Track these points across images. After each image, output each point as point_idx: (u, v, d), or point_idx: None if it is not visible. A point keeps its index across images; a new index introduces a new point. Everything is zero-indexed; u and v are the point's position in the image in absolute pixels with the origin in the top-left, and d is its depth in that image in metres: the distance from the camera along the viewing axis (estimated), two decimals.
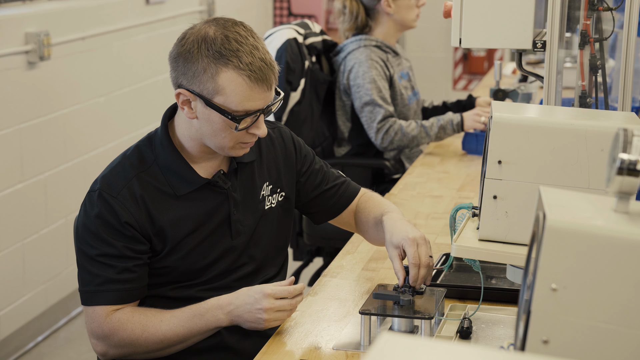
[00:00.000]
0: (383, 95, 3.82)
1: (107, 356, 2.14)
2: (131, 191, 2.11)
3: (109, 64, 4.57)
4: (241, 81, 2.03)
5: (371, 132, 3.83)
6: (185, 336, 2.10)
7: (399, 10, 3.88)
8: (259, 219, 2.26)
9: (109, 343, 2.11)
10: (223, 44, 2.04)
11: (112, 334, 2.09)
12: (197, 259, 2.17)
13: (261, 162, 2.29)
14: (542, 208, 1.35)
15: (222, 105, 2.05)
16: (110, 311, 2.10)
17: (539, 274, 1.30)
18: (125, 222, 2.09)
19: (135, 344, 2.10)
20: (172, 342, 2.10)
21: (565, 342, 1.30)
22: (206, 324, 2.10)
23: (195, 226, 2.16)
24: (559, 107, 2.23)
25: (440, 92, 7.61)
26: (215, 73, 2.03)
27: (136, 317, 2.10)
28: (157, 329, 2.09)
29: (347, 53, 3.92)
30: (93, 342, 2.14)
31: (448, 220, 2.12)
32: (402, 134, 3.79)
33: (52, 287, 4.22)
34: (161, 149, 2.16)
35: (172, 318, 2.10)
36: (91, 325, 2.12)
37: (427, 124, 3.81)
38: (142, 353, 2.12)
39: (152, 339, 2.09)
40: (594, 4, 2.45)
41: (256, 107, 2.06)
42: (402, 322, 2.03)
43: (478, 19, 2.38)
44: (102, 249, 2.09)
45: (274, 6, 7.01)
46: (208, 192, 2.18)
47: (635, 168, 1.34)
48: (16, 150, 3.89)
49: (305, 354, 2.00)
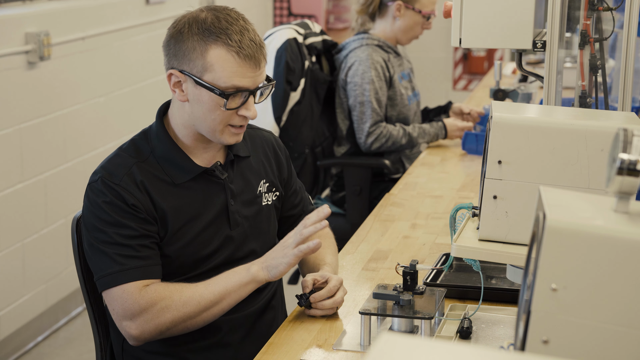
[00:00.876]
0: (379, 97, 3.84)
1: (143, 336, 2.09)
2: (132, 178, 2.12)
3: (109, 64, 4.57)
4: (230, 57, 2.06)
5: (360, 134, 3.86)
6: (221, 294, 2.09)
7: (405, 20, 3.91)
8: (257, 213, 2.27)
9: (146, 318, 2.06)
10: (213, 23, 2.08)
11: (150, 305, 2.06)
12: (197, 248, 2.18)
13: (256, 159, 2.31)
14: (542, 208, 1.35)
15: (211, 82, 2.07)
16: (142, 286, 2.08)
17: (539, 274, 1.30)
18: (132, 205, 2.10)
19: (174, 311, 2.07)
20: (209, 303, 2.08)
21: (565, 342, 1.30)
22: (240, 278, 2.10)
23: (193, 214, 2.17)
24: (559, 107, 2.23)
25: (440, 92, 7.60)
26: (204, 50, 2.07)
27: (170, 286, 2.10)
28: (194, 291, 2.09)
29: (349, 51, 3.93)
30: (126, 324, 2.08)
31: (448, 220, 2.12)
32: (392, 142, 3.87)
33: (52, 287, 4.21)
34: (157, 140, 2.18)
35: (206, 282, 2.11)
36: (124, 305, 2.07)
37: (414, 134, 3.90)
38: (180, 322, 2.08)
39: (190, 302, 2.07)
40: (594, 4, 2.45)
41: (245, 84, 2.08)
42: (402, 322, 2.03)
43: (478, 19, 2.38)
44: (117, 231, 2.09)
45: (274, 6, 7.01)
46: (205, 182, 2.19)
47: (635, 168, 1.34)
48: (16, 150, 3.89)
49: (305, 354, 2.00)
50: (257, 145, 2.33)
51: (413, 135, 3.89)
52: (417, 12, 3.89)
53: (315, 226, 2.09)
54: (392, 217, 2.95)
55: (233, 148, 2.25)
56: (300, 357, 1.99)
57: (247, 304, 2.22)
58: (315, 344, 2.04)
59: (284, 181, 2.38)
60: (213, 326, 2.18)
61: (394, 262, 2.51)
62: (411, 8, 3.89)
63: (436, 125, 3.95)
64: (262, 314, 2.29)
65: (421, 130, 3.92)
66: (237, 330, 2.23)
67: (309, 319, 2.16)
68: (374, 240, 2.74)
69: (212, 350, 2.21)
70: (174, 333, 2.11)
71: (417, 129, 3.92)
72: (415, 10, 3.89)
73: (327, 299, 2.15)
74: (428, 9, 3.91)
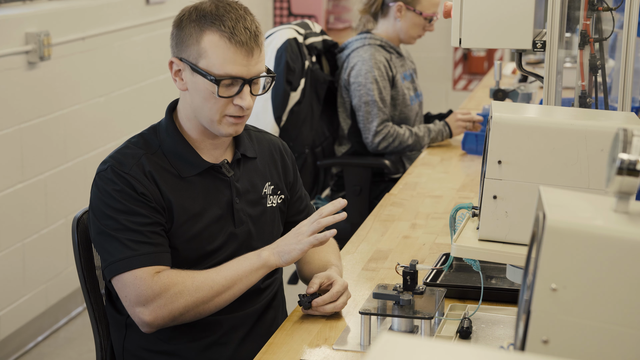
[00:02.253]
0: (384, 97, 3.84)
1: (156, 322, 2.08)
2: (141, 168, 2.13)
3: (109, 64, 4.57)
4: (222, 43, 2.08)
5: (367, 133, 3.86)
6: (233, 279, 2.11)
7: (406, 21, 3.91)
8: (261, 214, 2.27)
9: (160, 303, 2.06)
10: (211, 10, 2.11)
11: (164, 290, 2.06)
12: (201, 243, 2.18)
13: (263, 162, 2.32)
14: (542, 208, 1.35)
15: (204, 69, 2.09)
16: (154, 272, 2.08)
17: (539, 274, 1.30)
18: (142, 193, 2.11)
19: (187, 296, 2.07)
20: (221, 288, 2.10)
21: (565, 342, 1.30)
22: (251, 263, 2.13)
23: (198, 209, 2.18)
24: (559, 107, 2.23)
25: (441, 92, 7.60)
26: (199, 36, 2.10)
27: (182, 272, 2.10)
28: (206, 276, 2.10)
29: (351, 50, 3.93)
30: (139, 310, 2.07)
31: (448, 220, 2.12)
32: (399, 142, 3.86)
33: (52, 287, 4.21)
34: (166, 134, 2.19)
35: (217, 268, 2.13)
36: (137, 291, 2.07)
37: (420, 134, 3.90)
38: (193, 307, 2.09)
39: (203, 287, 2.08)
40: (593, 4, 2.45)
41: (238, 72, 2.09)
42: (402, 322, 2.03)
43: (478, 19, 2.38)
44: (128, 218, 2.09)
45: (274, 6, 7.01)
46: (211, 178, 2.20)
47: (635, 168, 1.34)
48: (16, 150, 3.89)
49: (305, 354, 2.00)
50: (264, 148, 2.34)
51: (419, 135, 3.90)
52: (418, 14, 3.89)
53: (334, 217, 2.13)
54: (392, 217, 2.95)
55: (240, 147, 2.26)
56: (300, 357, 1.99)
57: (248, 303, 2.22)
58: (316, 344, 2.05)
59: (289, 185, 2.38)
60: (214, 325, 2.19)
61: (394, 262, 2.51)
62: (412, 10, 3.89)
63: (439, 123, 3.96)
64: (263, 314, 2.29)
65: (426, 130, 3.94)
66: (237, 329, 2.23)
67: (309, 319, 2.16)
68: (374, 240, 2.74)
69: (212, 348, 2.21)
70: (186, 319, 2.11)
71: (423, 128, 3.93)
72: (416, 12, 3.89)
73: (328, 304, 2.15)
74: (429, 12, 3.91)
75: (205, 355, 2.20)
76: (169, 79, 2.18)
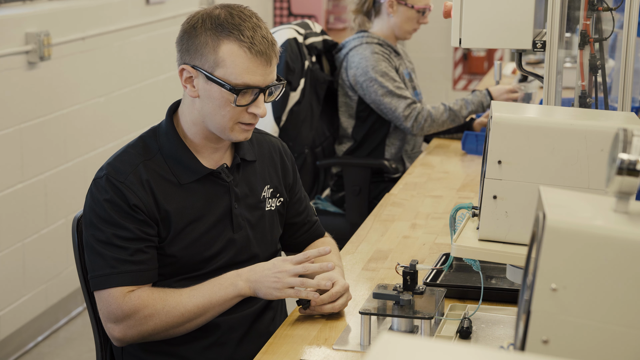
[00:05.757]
0: (398, 84, 3.83)
1: (125, 340, 2.12)
2: (138, 176, 2.12)
3: (109, 64, 4.57)
4: (242, 53, 2.07)
5: (399, 122, 3.83)
6: (205, 307, 2.11)
7: (399, 16, 3.91)
8: (260, 218, 2.27)
9: (129, 324, 2.09)
10: (226, 18, 2.10)
11: (133, 312, 2.08)
12: (200, 249, 2.18)
13: (262, 164, 2.31)
14: (542, 208, 1.35)
15: (222, 78, 2.08)
16: (127, 292, 2.09)
17: (539, 274, 1.30)
18: (134, 205, 2.10)
19: (157, 319, 2.08)
20: (192, 315, 2.10)
21: (565, 342, 1.30)
22: (225, 293, 2.12)
23: (197, 215, 2.17)
24: (559, 107, 2.23)
25: (440, 92, 7.61)
26: (216, 45, 2.08)
27: (155, 293, 2.10)
28: (178, 301, 2.10)
29: (349, 49, 3.93)
30: (110, 326, 2.11)
31: (448, 220, 2.12)
32: (432, 120, 3.82)
33: (52, 287, 4.22)
34: (166, 139, 2.18)
35: (192, 291, 2.12)
36: (108, 309, 2.10)
37: (455, 108, 3.84)
38: (162, 330, 2.11)
39: (173, 313, 2.09)
40: (593, 4, 2.45)
41: (256, 82, 2.09)
42: (402, 322, 2.03)
43: (478, 19, 2.38)
44: (114, 232, 2.09)
45: (274, 6, 7.01)
46: (210, 184, 2.20)
47: (635, 168, 1.34)
48: (16, 150, 3.89)
49: (305, 354, 2.00)
50: (264, 150, 2.34)
51: (455, 109, 3.84)
52: (410, 7, 3.88)
53: (321, 265, 2.14)
54: (392, 217, 2.95)
55: (240, 151, 2.25)
56: (300, 357, 1.99)
57: (246, 304, 2.22)
58: (315, 344, 2.04)
59: (288, 186, 2.38)
60: (212, 325, 2.19)
61: (394, 262, 2.51)
62: (403, 3, 3.88)
63: (479, 94, 3.90)
64: (261, 314, 2.29)
65: (463, 102, 3.87)
66: (236, 329, 2.23)
67: (309, 319, 2.16)
68: (374, 240, 2.74)
69: (211, 349, 2.21)
70: (157, 339, 2.14)
71: (459, 101, 3.87)
72: (408, 5, 3.88)
73: (327, 304, 2.15)
74: (421, 4, 3.90)
75: (205, 356, 2.20)
76: (169, 79, 2.17)
